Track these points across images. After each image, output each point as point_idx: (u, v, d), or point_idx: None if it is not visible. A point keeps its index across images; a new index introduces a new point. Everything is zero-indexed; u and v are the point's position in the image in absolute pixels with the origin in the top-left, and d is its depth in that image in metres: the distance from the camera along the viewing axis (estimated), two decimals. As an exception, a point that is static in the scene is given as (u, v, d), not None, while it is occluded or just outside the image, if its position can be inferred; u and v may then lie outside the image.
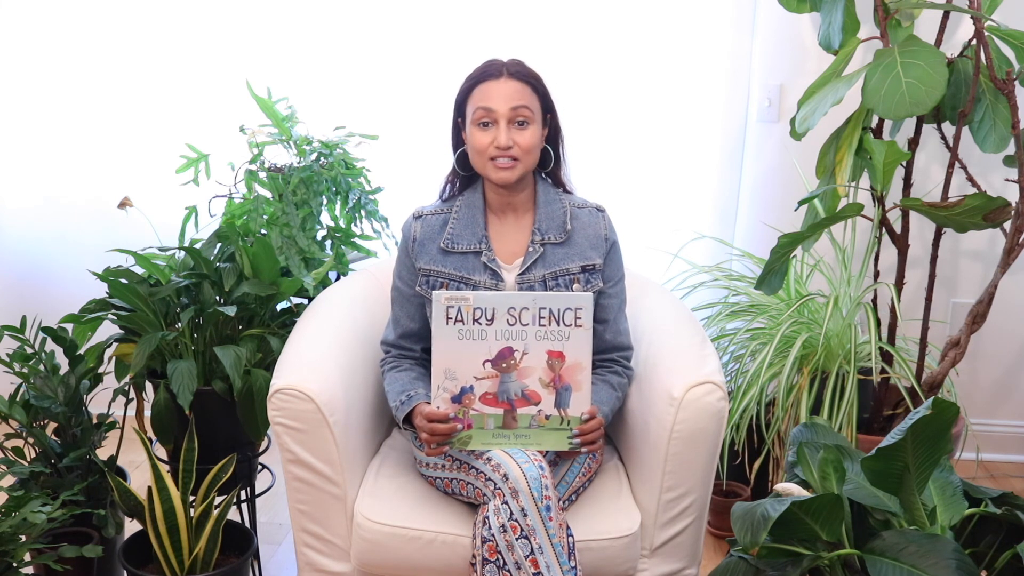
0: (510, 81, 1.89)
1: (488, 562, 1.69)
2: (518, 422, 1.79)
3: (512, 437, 1.79)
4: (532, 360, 1.78)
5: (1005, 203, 2.12)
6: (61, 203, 3.08)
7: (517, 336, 1.78)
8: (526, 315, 1.78)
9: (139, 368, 2.08)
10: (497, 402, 1.79)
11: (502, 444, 1.79)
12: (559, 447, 1.81)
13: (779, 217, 2.82)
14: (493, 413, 1.79)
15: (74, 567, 2.05)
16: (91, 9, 2.91)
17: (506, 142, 1.86)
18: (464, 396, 1.79)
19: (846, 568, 1.56)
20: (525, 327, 1.78)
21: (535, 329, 1.78)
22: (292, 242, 2.39)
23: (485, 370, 1.78)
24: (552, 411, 1.79)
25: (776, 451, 2.43)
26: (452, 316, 1.77)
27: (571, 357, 1.78)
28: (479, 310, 1.78)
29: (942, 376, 2.40)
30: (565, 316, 1.78)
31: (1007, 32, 2.19)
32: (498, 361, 1.78)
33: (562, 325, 1.78)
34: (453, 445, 1.80)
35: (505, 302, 1.78)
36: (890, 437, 1.49)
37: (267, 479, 2.52)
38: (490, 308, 1.77)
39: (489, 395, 1.79)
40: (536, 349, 1.78)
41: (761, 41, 2.80)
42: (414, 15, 2.84)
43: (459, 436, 1.80)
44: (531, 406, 1.79)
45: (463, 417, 1.79)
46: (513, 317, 1.78)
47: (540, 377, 1.79)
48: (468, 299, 1.78)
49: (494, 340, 1.78)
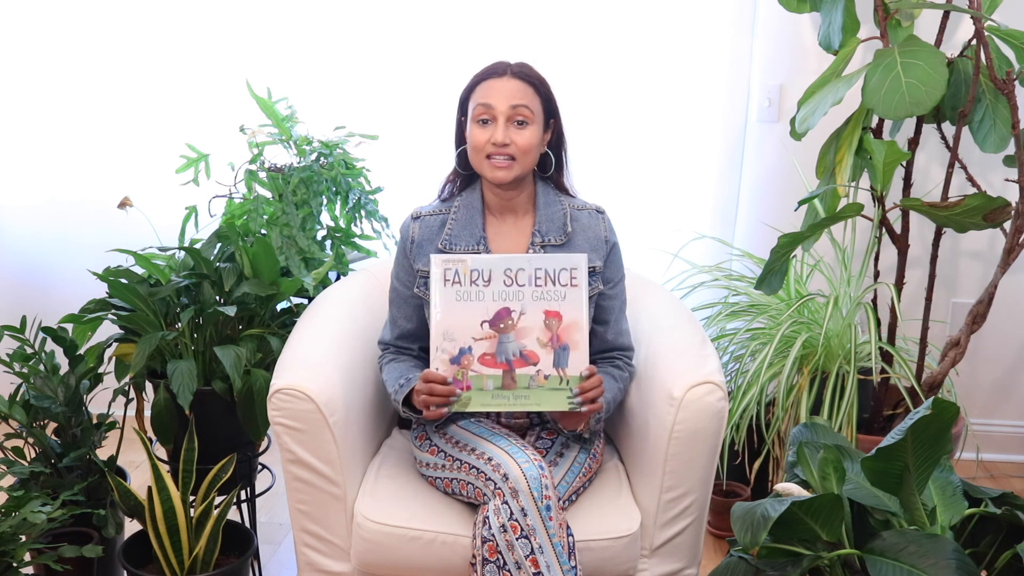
0: (513, 80, 1.89)
1: (488, 562, 1.69)
2: (517, 383, 1.79)
3: (511, 398, 1.80)
4: (529, 320, 1.79)
5: (1005, 203, 2.12)
6: (61, 203, 3.08)
7: (514, 297, 1.79)
8: (522, 276, 1.79)
9: (139, 368, 2.08)
10: (496, 363, 1.79)
11: (501, 405, 1.80)
12: (559, 407, 1.80)
13: (779, 217, 2.82)
14: (492, 374, 1.80)
15: (74, 567, 2.05)
16: (91, 9, 2.91)
17: (503, 139, 1.86)
18: (463, 357, 1.79)
19: (846, 568, 1.56)
20: (522, 288, 1.79)
21: (532, 290, 1.79)
22: (292, 242, 2.39)
23: (483, 331, 1.79)
24: (551, 371, 1.80)
25: (776, 451, 2.43)
26: (449, 278, 1.79)
27: (568, 316, 1.79)
28: (476, 271, 1.79)
29: (942, 376, 2.40)
30: (561, 276, 1.80)
31: (1007, 32, 2.19)
32: (496, 322, 1.79)
33: (558, 285, 1.79)
34: (452, 406, 1.80)
35: (502, 264, 1.80)
36: (890, 437, 1.49)
37: (267, 479, 2.52)
38: (487, 269, 1.79)
39: (487, 356, 1.79)
40: (533, 309, 1.79)
41: (761, 41, 2.80)
42: (414, 15, 2.84)
43: (459, 397, 1.80)
44: (530, 366, 1.79)
45: (462, 379, 1.79)
46: (510, 278, 1.79)
47: (538, 337, 1.80)
48: (465, 261, 1.81)
49: (491, 301, 1.79)
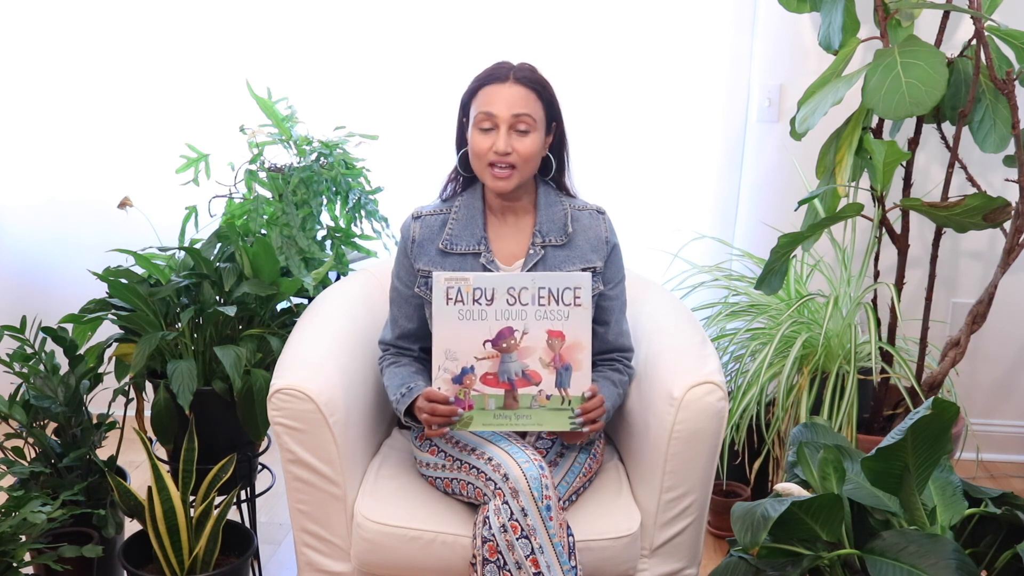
0: (515, 87, 1.87)
1: (488, 562, 1.69)
2: (519, 402, 1.79)
3: (513, 417, 1.79)
4: (532, 340, 1.78)
5: (1005, 203, 2.12)
6: (61, 203, 3.08)
7: (517, 316, 1.78)
8: (525, 295, 1.78)
9: (139, 368, 2.08)
10: (498, 382, 1.79)
11: (503, 425, 1.79)
12: (560, 427, 1.80)
13: (779, 217, 2.82)
14: (494, 393, 1.79)
15: (74, 567, 2.05)
16: (91, 9, 2.91)
17: (505, 148, 1.85)
18: (465, 376, 1.79)
19: (846, 568, 1.56)
20: (525, 307, 1.78)
21: (535, 309, 1.78)
22: (292, 242, 2.39)
23: (485, 350, 1.78)
24: (553, 391, 1.79)
25: (776, 451, 2.43)
26: (452, 296, 1.78)
27: (571, 336, 1.78)
28: (479, 290, 1.78)
29: (942, 376, 2.40)
30: (564, 296, 1.78)
31: (1007, 32, 2.19)
32: (498, 341, 1.79)
33: (561, 304, 1.78)
34: (454, 426, 1.79)
35: (504, 282, 1.79)
36: (890, 437, 1.49)
37: (267, 479, 2.51)
38: (490, 288, 1.78)
39: (490, 375, 1.79)
40: (536, 329, 1.78)
41: (761, 41, 2.80)
42: (414, 15, 2.84)
43: (461, 417, 1.79)
44: (532, 386, 1.79)
45: (464, 398, 1.79)
46: (512, 297, 1.78)
47: (540, 357, 1.79)
48: (468, 279, 1.79)
49: (494, 320, 1.78)
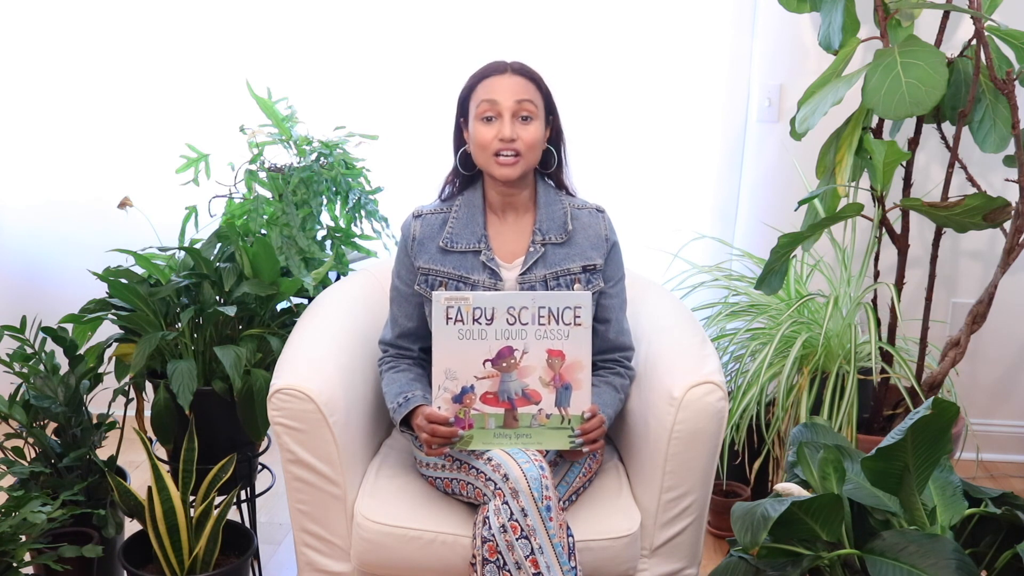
0: (514, 76, 1.90)
1: (488, 562, 1.69)
2: (519, 421, 1.79)
3: (513, 436, 1.79)
4: (532, 359, 1.78)
5: (1005, 203, 2.12)
6: (61, 203, 3.08)
7: (517, 335, 1.78)
8: (525, 314, 1.78)
9: (139, 368, 2.08)
10: (498, 401, 1.79)
11: (503, 444, 1.79)
12: (560, 446, 1.80)
13: (779, 217, 2.82)
14: (494, 413, 1.79)
15: (74, 567, 2.05)
16: (91, 9, 2.91)
17: (510, 134, 1.86)
18: (465, 396, 1.79)
19: (846, 568, 1.56)
20: (525, 326, 1.78)
21: (535, 328, 1.78)
22: (292, 242, 2.39)
23: (485, 370, 1.78)
24: (553, 410, 1.79)
25: (776, 451, 2.43)
26: (452, 316, 1.77)
27: (571, 356, 1.78)
28: (479, 310, 1.78)
29: (942, 376, 2.40)
30: (564, 315, 1.78)
31: (1007, 32, 2.19)
32: (498, 360, 1.78)
33: (561, 324, 1.78)
34: (454, 445, 1.80)
35: (504, 301, 1.78)
36: (890, 437, 1.49)
37: (267, 479, 2.52)
38: (490, 308, 1.78)
39: (490, 395, 1.79)
40: (536, 348, 1.78)
41: (761, 41, 2.80)
42: (414, 15, 2.84)
43: (460, 436, 1.80)
44: (532, 405, 1.79)
45: (464, 417, 1.79)
46: (512, 316, 1.78)
47: (540, 376, 1.79)
48: (468, 299, 1.78)
49: (494, 339, 1.78)
